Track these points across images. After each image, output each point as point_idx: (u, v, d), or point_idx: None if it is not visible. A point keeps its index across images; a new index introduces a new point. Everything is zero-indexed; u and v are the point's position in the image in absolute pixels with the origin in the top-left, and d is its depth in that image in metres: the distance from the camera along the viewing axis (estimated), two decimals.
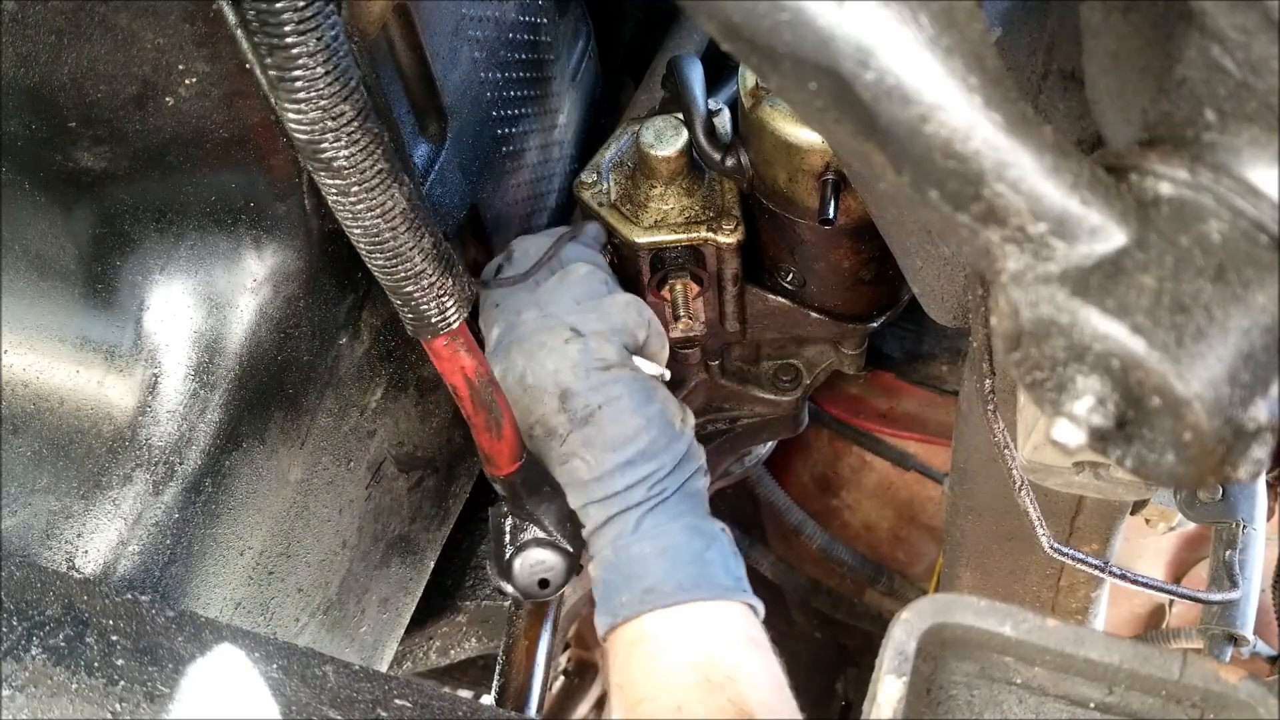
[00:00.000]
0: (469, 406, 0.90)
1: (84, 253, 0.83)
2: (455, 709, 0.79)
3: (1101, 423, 0.49)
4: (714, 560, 0.93)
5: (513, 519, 0.98)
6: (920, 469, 1.58)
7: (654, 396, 0.98)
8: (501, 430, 0.91)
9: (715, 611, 0.91)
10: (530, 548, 0.97)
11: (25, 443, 0.85)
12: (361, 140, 0.71)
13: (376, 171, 0.73)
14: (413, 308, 0.82)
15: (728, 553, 0.95)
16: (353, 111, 0.70)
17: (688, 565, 0.91)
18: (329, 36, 0.66)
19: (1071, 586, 1.23)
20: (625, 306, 1.01)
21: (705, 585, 0.91)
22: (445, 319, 0.83)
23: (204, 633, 0.77)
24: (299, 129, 0.69)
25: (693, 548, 0.92)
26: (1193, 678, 0.58)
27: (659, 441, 0.95)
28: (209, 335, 0.86)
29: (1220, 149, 0.48)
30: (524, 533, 0.97)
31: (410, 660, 1.42)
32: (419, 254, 0.78)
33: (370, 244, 0.77)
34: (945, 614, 0.58)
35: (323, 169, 0.72)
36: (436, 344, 0.86)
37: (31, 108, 0.76)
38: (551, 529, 0.97)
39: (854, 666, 1.98)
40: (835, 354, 1.28)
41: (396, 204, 0.75)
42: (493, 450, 0.93)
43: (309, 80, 0.67)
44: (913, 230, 0.92)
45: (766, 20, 0.45)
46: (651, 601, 0.90)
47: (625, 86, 1.42)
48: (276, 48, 0.66)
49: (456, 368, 0.87)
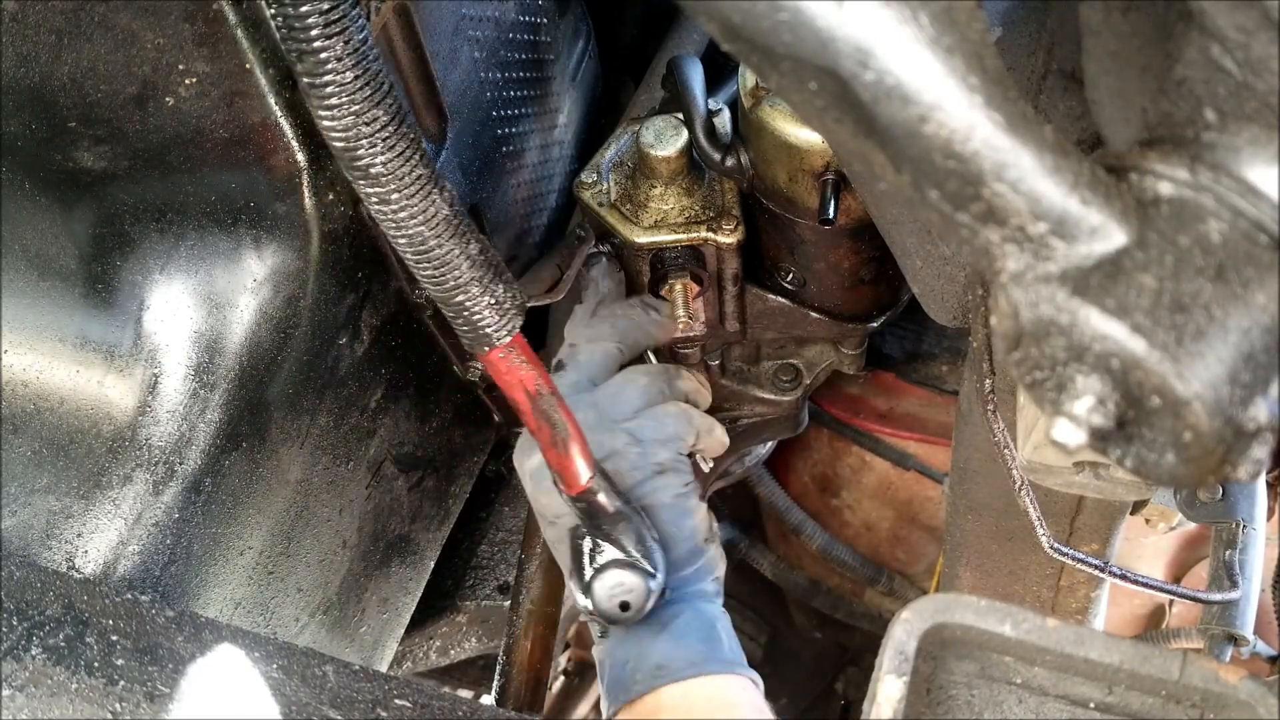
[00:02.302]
0: (531, 421, 0.86)
1: (84, 253, 0.84)
2: (455, 709, 0.79)
3: (1101, 423, 0.48)
4: (719, 638, 0.96)
5: (590, 539, 0.94)
6: (920, 469, 1.58)
7: (692, 511, 1.02)
8: (569, 445, 0.88)
9: (725, 684, 0.93)
10: (610, 569, 0.93)
11: (25, 443, 0.85)
12: (398, 146, 0.70)
13: (416, 177, 0.72)
14: (466, 319, 0.79)
15: (730, 632, 0.98)
16: (387, 116, 0.69)
17: (696, 643, 0.94)
18: (357, 40, 0.66)
19: (1071, 586, 1.23)
20: (677, 417, 1.06)
21: (713, 660, 0.94)
22: (500, 330, 0.81)
23: (204, 633, 0.77)
24: (334, 135, 0.69)
25: (700, 627, 0.96)
26: (1193, 678, 0.58)
27: (681, 553, 0.99)
28: (209, 335, 0.86)
29: (1220, 149, 0.48)
30: (602, 554, 0.93)
31: (410, 660, 1.42)
32: (466, 261, 0.76)
33: (417, 254, 0.75)
34: (945, 614, 0.58)
35: (361, 176, 0.71)
36: (492, 356, 0.82)
37: (31, 108, 0.76)
38: (630, 549, 0.93)
39: (854, 666, 1.98)
40: (835, 354, 1.28)
41: (439, 210, 0.74)
42: (561, 467, 0.89)
43: (340, 85, 0.66)
44: (913, 230, 0.92)
45: (766, 20, 0.45)
46: (664, 676, 0.92)
47: (625, 86, 1.42)
48: (305, 53, 0.65)
49: (515, 380, 0.84)
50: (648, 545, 0.94)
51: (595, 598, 0.93)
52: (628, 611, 0.93)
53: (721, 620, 0.98)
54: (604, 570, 0.93)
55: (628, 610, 0.93)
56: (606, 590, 0.92)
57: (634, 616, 0.93)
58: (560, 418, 0.87)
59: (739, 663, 0.96)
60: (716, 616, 0.98)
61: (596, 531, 0.94)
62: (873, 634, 1.79)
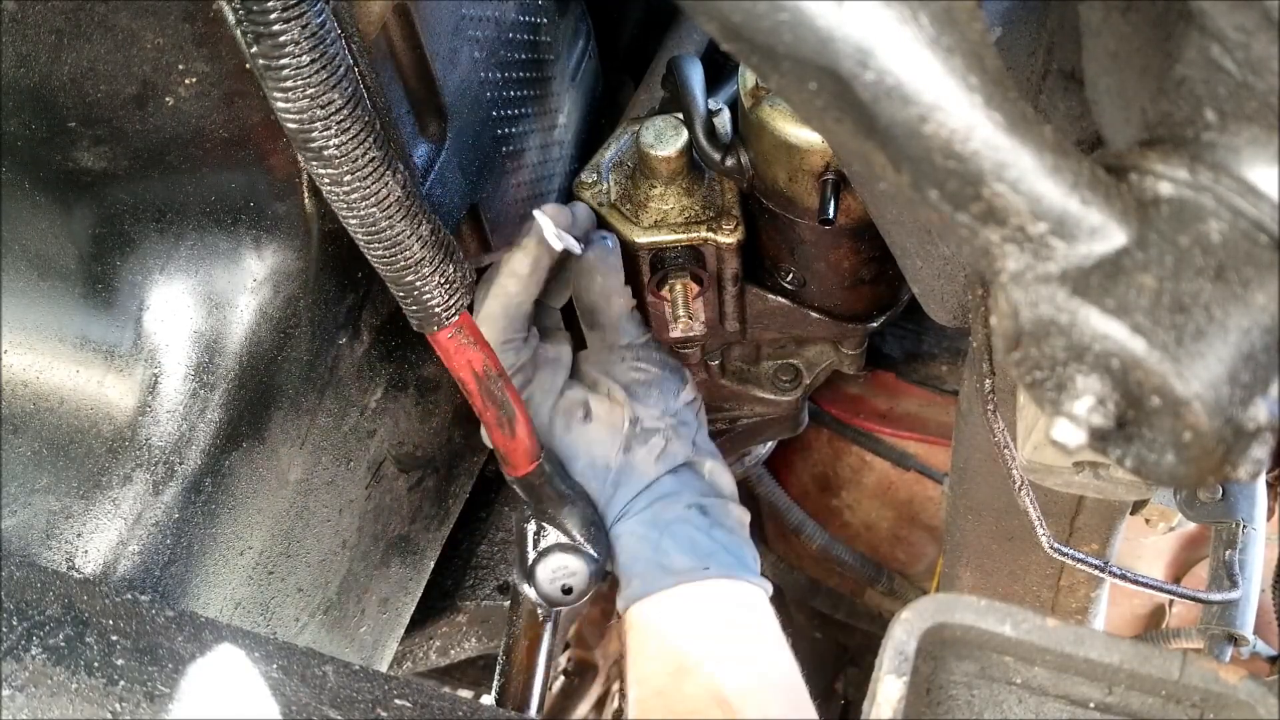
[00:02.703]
0: (478, 401, 0.87)
1: (84, 253, 0.83)
2: (455, 709, 0.79)
3: (1101, 423, 0.49)
4: (679, 545, 0.93)
5: (535, 523, 0.94)
6: (920, 469, 1.58)
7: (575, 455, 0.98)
8: (514, 428, 0.88)
9: (691, 596, 0.92)
10: (554, 553, 0.93)
11: (25, 443, 0.85)
12: (352, 128, 0.70)
13: (369, 160, 0.72)
14: (415, 298, 0.80)
15: (697, 532, 0.94)
16: (341, 99, 0.69)
17: (650, 559, 0.93)
18: (315, 24, 0.66)
19: (1071, 586, 1.23)
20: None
21: (672, 573, 0.92)
22: (449, 309, 0.81)
23: (204, 633, 0.77)
24: (288, 117, 0.69)
25: (650, 541, 0.93)
26: (1193, 678, 0.58)
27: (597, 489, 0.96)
28: (209, 335, 0.86)
29: (1220, 149, 0.48)
30: (546, 537, 0.94)
31: (410, 660, 1.42)
32: (417, 242, 0.77)
33: (367, 234, 0.76)
34: (945, 614, 0.58)
35: (314, 158, 0.71)
36: (441, 337, 0.83)
37: (31, 108, 0.76)
38: (575, 533, 0.93)
39: (854, 666, 1.98)
40: (835, 354, 1.28)
41: (391, 191, 0.74)
42: (507, 449, 0.90)
43: (296, 68, 0.66)
44: (913, 230, 0.92)
45: (766, 20, 0.45)
46: (629, 595, 0.93)
47: (625, 86, 1.42)
48: (263, 35, 0.65)
49: (464, 361, 0.85)
50: (592, 529, 0.94)
51: (537, 581, 0.94)
52: (569, 595, 0.94)
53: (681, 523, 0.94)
54: (547, 554, 0.94)
55: (570, 594, 0.94)
56: (549, 573, 0.94)
57: (576, 600, 0.94)
58: (507, 399, 0.87)
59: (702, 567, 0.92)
60: (669, 522, 0.94)
61: (541, 515, 0.94)
62: (873, 634, 1.79)
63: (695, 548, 0.94)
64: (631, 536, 0.94)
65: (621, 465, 0.98)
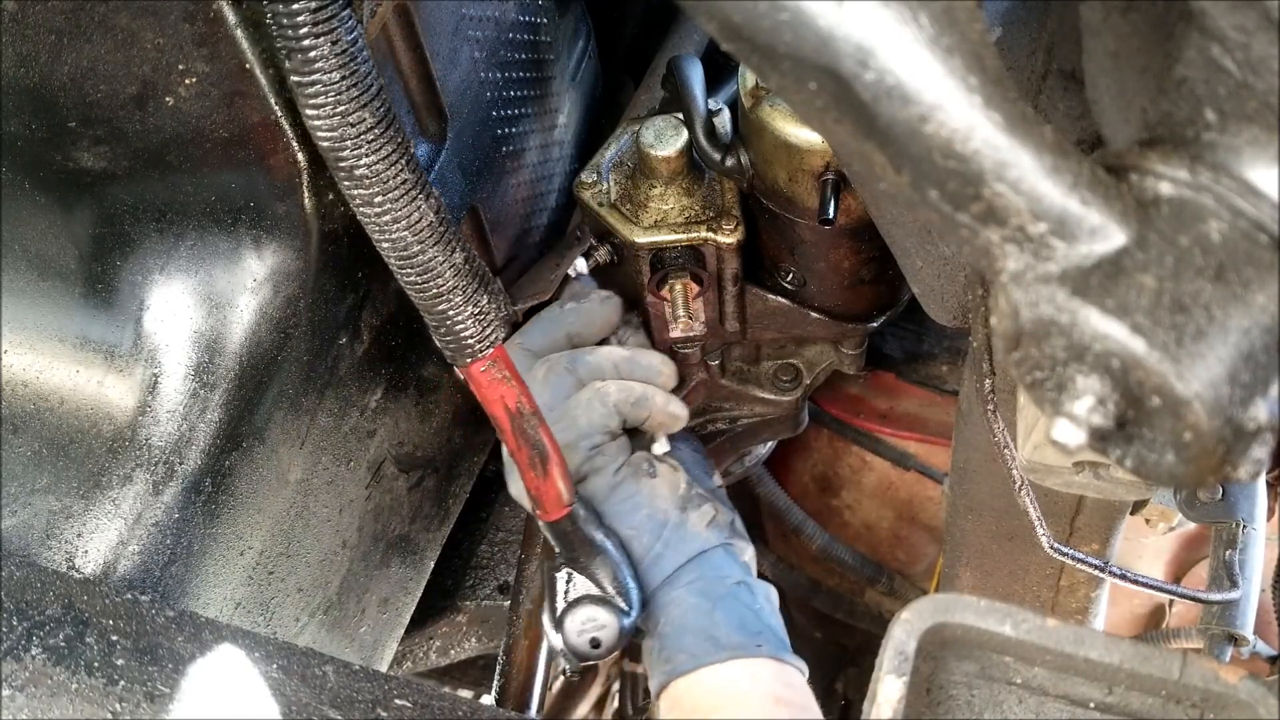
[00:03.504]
0: (510, 441, 0.84)
1: (84, 253, 0.84)
2: (455, 709, 0.79)
3: (1101, 423, 0.49)
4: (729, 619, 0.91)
5: (566, 571, 0.91)
6: (920, 469, 1.58)
7: (639, 504, 0.95)
8: (547, 470, 0.85)
9: (740, 672, 0.90)
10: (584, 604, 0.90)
11: (25, 443, 0.85)
12: (384, 149, 0.70)
13: (401, 182, 0.72)
14: (448, 329, 0.78)
15: (746, 609, 0.92)
16: (373, 119, 0.69)
17: (701, 631, 0.90)
18: (346, 40, 0.66)
19: (1071, 586, 1.23)
20: (588, 405, 0.99)
21: (723, 648, 0.90)
22: (483, 341, 0.79)
23: (204, 633, 0.77)
24: (320, 134, 0.69)
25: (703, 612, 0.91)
26: (1193, 678, 0.58)
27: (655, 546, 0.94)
28: (209, 335, 0.86)
29: (1220, 149, 0.48)
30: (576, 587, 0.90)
31: (410, 660, 1.42)
32: (450, 269, 0.76)
33: (400, 259, 0.75)
34: (945, 614, 0.58)
35: (346, 177, 0.71)
36: (474, 370, 0.80)
37: (31, 108, 0.76)
38: (606, 584, 0.90)
39: (854, 666, 1.98)
40: (835, 354, 1.28)
41: (424, 216, 0.74)
42: (538, 492, 0.86)
43: (326, 84, 0.67)
44: (913, 230, 0.92)
45: (766, 20, 0.45)
46: (675, 669, 0.90)
47: (625, 86, 1.42)
48: (294, 50, 0.65)
49: (496, 396, 0.82)
50: (623, 581, 0.91)
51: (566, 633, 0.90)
52: (598, 649, 0.90)
53: (733, 598, 0.92)
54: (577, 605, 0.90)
55: (598, 647, 0.90)
56: (578, 626, 0.90)
57: (604, 655, 0.91)
58: (541, 439, 0.84)
59: (753, 645, 0.90)
60: (721, 596, 0.92)
61: (573, 563, 0.91)
62: (873, 634, 1.79)
63: (745, 625, 0.92)
64: (682, 605, 0.92)
65: (677, 523, 0.96)
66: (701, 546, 0.96)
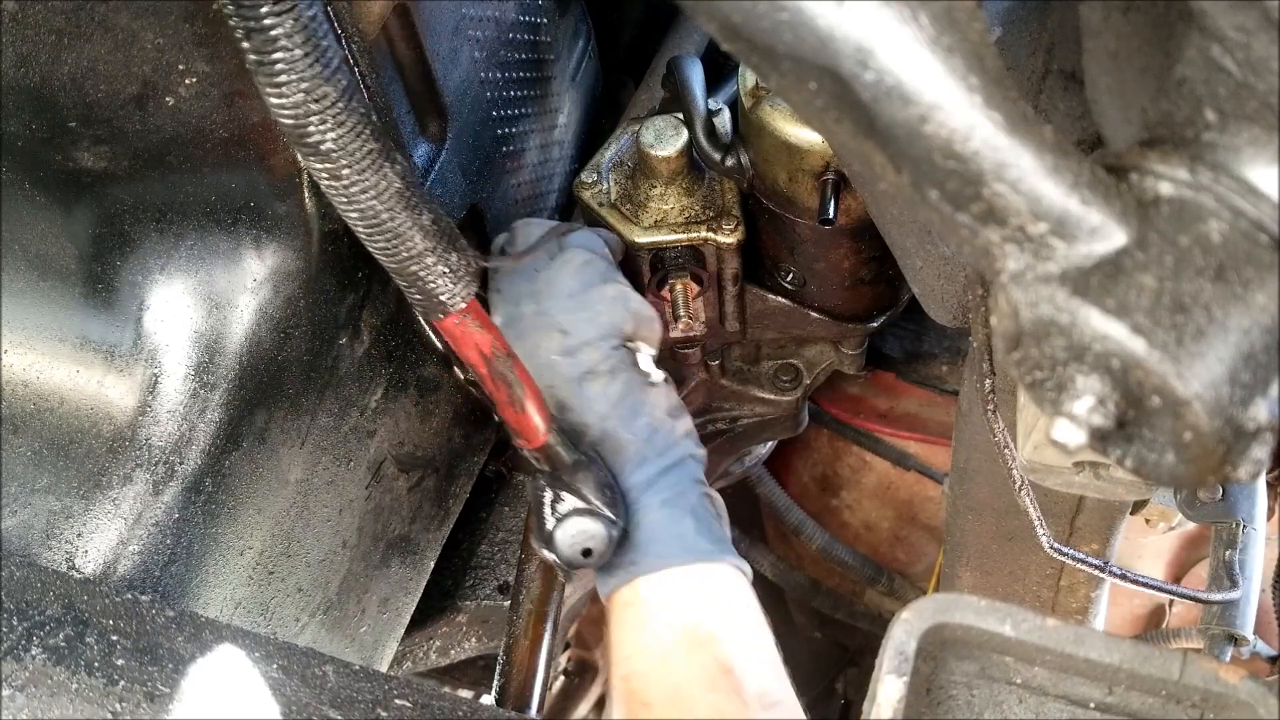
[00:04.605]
0: (489, 383, 0.89)
1: (84, 253, 0.83)
2: (455, 709, 0.79)
3: (1101, 423, 0.49)
4: (698, 526, 0.96)
5: (551, 490, 0.95)
6: (920, 469, 1.58)
7: (640, 409, 1.00)
8: (524, 403, 0.90)
9: (702, 575, 0.95)
10: (572, 518, 0.94)
11: (25, 443, 0.85)
12: (348, 121, 0.70)
13: (366, 152, 0.72)
14: (420, 288, 0.81)
15: (709, 517, 0.97)
16: (336, 93, 0.69)
17: (673, 534, 0.95)
18: (306, 17, 0.66)
19: (1071, 586, 1.23)
20: (612, 302, 1.02)
21: (690, 550, 0.94)
22: (455, 296, 0.82)
23: (204, 633, 0.77)
24: (283, 113, 0.68)
25: (675, 517, 0.96)
26: (1193, 678, 0.58)
27: (646, 452, 0.98)
28: (209, 335, 0.86)
29: (1220, 149, 0.48)
30: (563, 503, 0.94)
31: (410, 660, 1.42)
32: (419, 232, 0.77)
33: (369, 227, 0.76)
34: (945, 614, 0.58)
35: (311, 153, 0.71)
36: (448, 323, 0.84)
37: (31, 108, 0.76)
38: (591, 497, 0.94)
39: (854, 666, 1.98)
40: (835, 354, 1.28)
41: (390, 183, 0.74)
42: (519, 424, 0.91)
43: (289, 62, 0.66)
44: (913, 230, 0.92)
45: (766, 20, 0.45)
46: (641, 568, 0.94)
47: (625, 86, 1.42)
48: (254, 30, 0.65)
49: (471, 344, 0.86)
50: (609, 492, 0.95)
51: (557, 545, 0.94)
52: (590, 557, 0.94)
53: (699, 507, 0.97)
54: (566, 519, 0.94)
55: (590, 556, 0.94)
56: (568, 538, 0.94)
57: (597, 562, 0.94)
58: (516, 377, 0.89)
59: (717, 550, 0.95)
60: (694, 503, 0.97)
61: (557, 483, 0.95)
62: (873, 634, 1.79)
63: (712, 531, 0.97)
64: (656, 510, 0.97)
65: (668, 431, 1.01)
66: (680, 455, 1.01)
